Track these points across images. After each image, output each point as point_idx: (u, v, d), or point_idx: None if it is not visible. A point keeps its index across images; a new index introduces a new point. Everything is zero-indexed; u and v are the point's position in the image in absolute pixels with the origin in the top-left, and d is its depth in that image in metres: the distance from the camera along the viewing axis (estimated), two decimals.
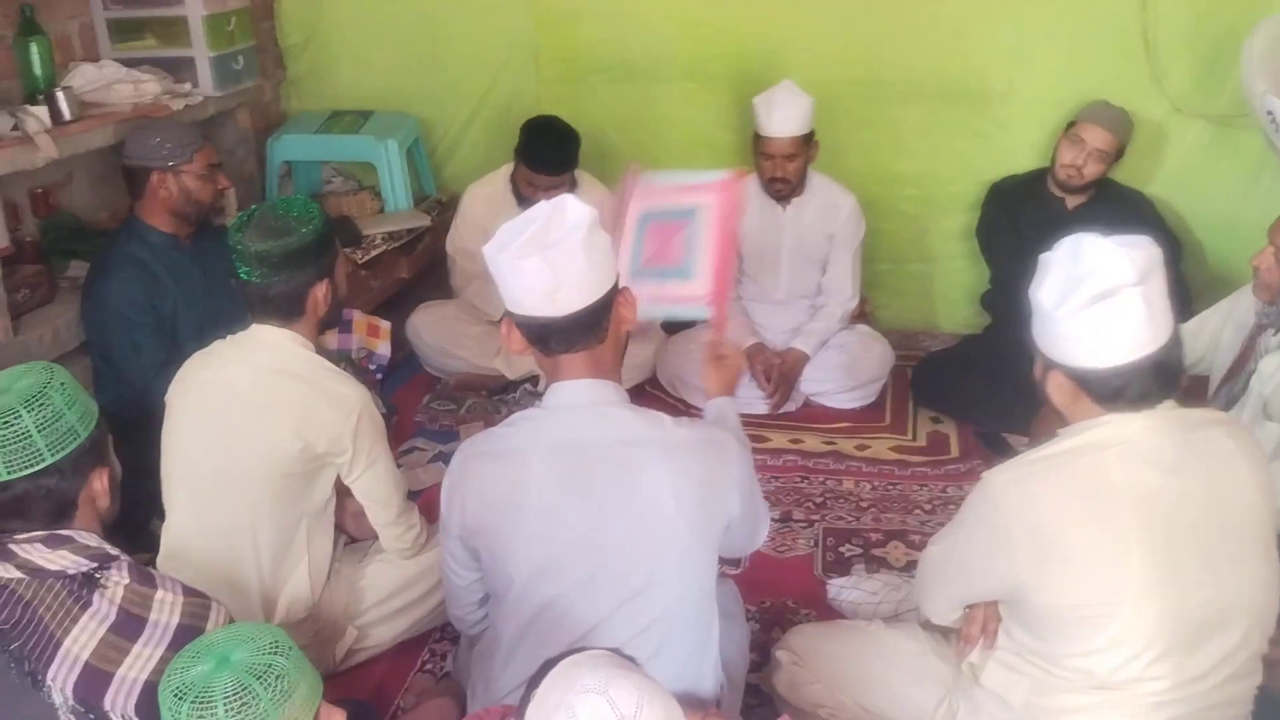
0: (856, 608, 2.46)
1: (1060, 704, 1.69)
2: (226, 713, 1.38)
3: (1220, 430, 1.67)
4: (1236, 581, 1.62)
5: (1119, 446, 1.61)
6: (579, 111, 3.81)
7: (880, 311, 4.02)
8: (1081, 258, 1.59)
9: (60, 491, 1.59)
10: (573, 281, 1.67)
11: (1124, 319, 1.56)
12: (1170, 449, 1.61)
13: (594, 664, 1.30)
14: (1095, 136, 3.37)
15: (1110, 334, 1.57)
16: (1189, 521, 1.59)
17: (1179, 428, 1.63)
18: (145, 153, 2.82)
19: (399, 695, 2.34)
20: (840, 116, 3.86)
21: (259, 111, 4.09)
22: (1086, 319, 1.57)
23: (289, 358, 2.19)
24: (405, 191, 4.11)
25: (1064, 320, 1.59)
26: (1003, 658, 1.79)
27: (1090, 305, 1.55)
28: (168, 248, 2.87)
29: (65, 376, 1.61)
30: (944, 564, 1.85)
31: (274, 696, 1.40)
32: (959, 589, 1.83)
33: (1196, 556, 1.59)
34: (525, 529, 1.74)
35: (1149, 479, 1.59)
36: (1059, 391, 1.67)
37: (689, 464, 1.72)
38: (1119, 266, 1.55)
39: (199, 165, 2.85)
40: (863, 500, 3.07)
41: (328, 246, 2.23)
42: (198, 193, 2.86)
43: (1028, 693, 1.73)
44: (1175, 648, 1.60)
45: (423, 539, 2.38)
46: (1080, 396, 1.65)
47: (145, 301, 2.78)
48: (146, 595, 1.60)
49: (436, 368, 3.76)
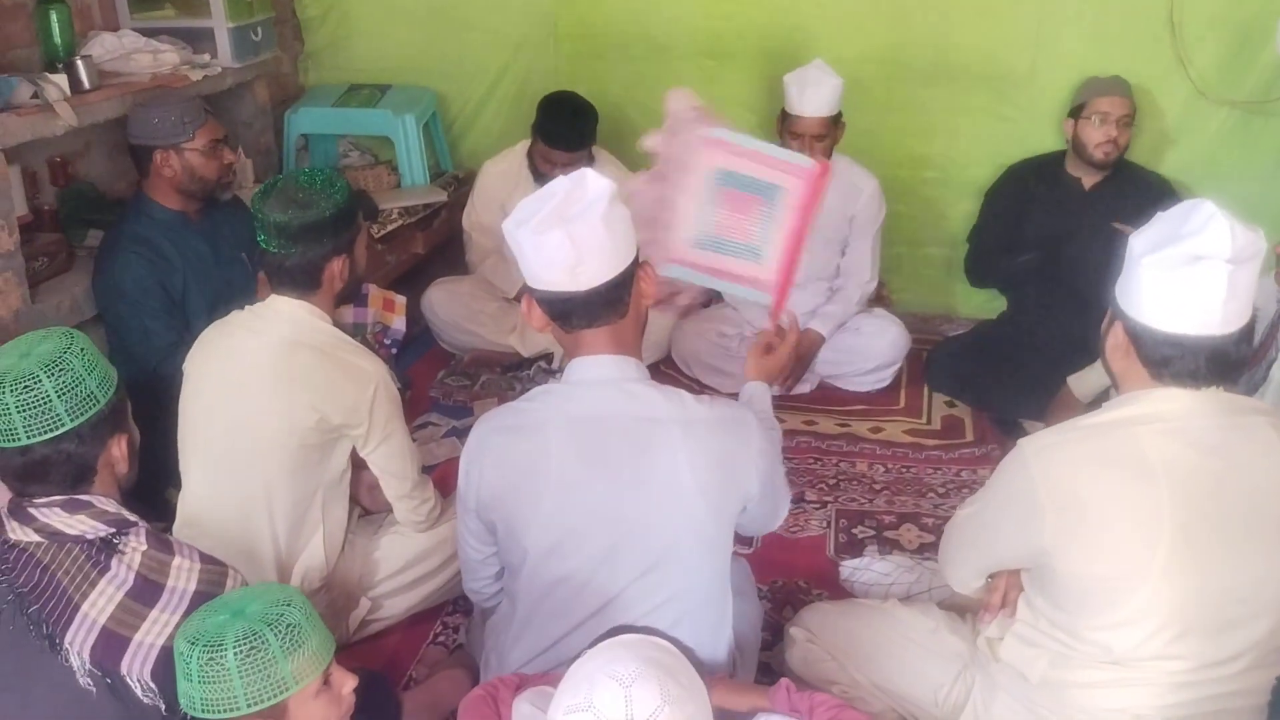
0: (869, 589, 2.45)
1: (1078, 678, 1.68)
2: (236, 656, 1.40)
3: (1264, 420, 1.64)
4: (1267, 571, 1.60)
5: (1161, 423, 1.59)
6: (597, 88, 3.80)
7: (897, 295, 4.00)
8: (1192, 218, 1.56)
9: (79, 456, 1.59)
10: (594, 256, 1.66)
11: (1202, 290, 1.52)
12: (1213, 431, 1.59)
13: (640, 654, 1.30)
14: (1116, 105, 3.37)
15: (1183, 299, 1.54)
16: (1223, 506, 1.58)
17: (1224, 411, 1.61)
18: (147, 131, 2.77)
19: (411, 666, 2.35)
20: (861, 97, 3.83)
21: (277, 84, 4.08)
22: (1167, 275, 1.54)
23: (307, 330, 2.19)
24: (422, 166, 4.11)
25: (1146, 269, 1.56)
26: (1021, 631, 1.78)
27: (1177, 264, 1.53)
28: (176, 225, 2.84)
29: (85, 342, 1.61)
30: (970, 527, 1.84)
31: (284, 645, 1.42)
32: (984, 554, 1.82)
33: (1227, 541, 1.58)
34: (543, 503, 1.74)
35: (1188, 458, 1.57)
36: (1116, 347, 1.65)
37: (708, 442, 1.72)
38: (1221, 237, 1.51)
39: (202, 142, 2.79)
40: (876, 482, 3.06)
41: (348, 222, 2.22)
42: (202, 170, 2.81)
43: (1046, 667, 1.72)
44: (1197, 629, 1.59)
45: (437, 512, 2.39)
46: (1131, 356, 1.63)
47: (153, 282, 2.75)
48: (164, 561, 1.61)
49: (451, 343, 3.76)
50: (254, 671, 1.41)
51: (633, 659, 1.29)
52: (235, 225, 2.91)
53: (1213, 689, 1.62)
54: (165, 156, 2.77)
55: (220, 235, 2.90)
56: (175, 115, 2.77)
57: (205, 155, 2.80)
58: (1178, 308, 1.55)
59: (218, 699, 1.41)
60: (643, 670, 1.27)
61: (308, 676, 1.46)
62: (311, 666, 1.46)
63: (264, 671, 1.41)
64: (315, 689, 1.48)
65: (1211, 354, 1.57)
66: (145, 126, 2.78)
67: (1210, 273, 1.51)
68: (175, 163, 2.78)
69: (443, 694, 2.17)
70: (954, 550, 1.90)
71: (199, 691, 1.41)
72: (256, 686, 1.41)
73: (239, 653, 1.40)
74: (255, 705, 1.41)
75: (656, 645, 1.36)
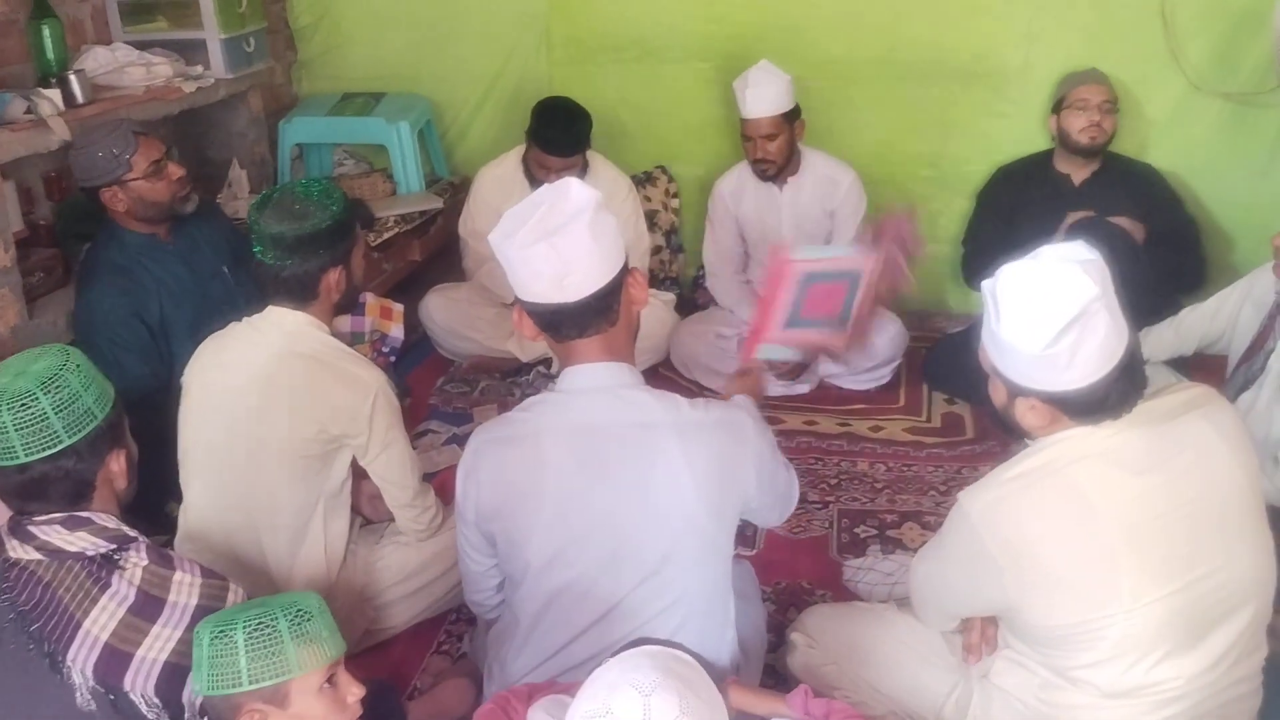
0: (872, 589, 2.45)
1: (1072, 701, 1.68)
2: (244, 632, 1.43)
3: (1195, 414, 1.64)
4: (1235, 564, 1.60)
5: (1090, 458, 1.58)
6: (591, 92, 3.79)
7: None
8: (1037, 284, 1.53)
9: (78, 473, 1.59)
10: (581, 267, 1.65)
11: (1096, 337, 1.51)
12: (1142, 450, 1.58)
13: (661, 665, 1.30)
14: (1095, 92, 3.40)
15: (1085, 355, 1.52)
16: (1170, 517, 1.57)
17: (1151, 423, 1.60)
18: (87, 173, 2.66)
19: (416, 676, 2.35)
20: (856, 95, 3.84)
21: (270, 94, 4.09)
22: (1061, 347, 1.51)
23: (305, 340, 2.19)
24: (417, 174, 4.10)
25: (1038, 355, 1.53)
26: (1012, 655, 1.78)
27: (1063, 334, 1.50)
28: (148, 248, 2.75)
29: (81, 359, 1.62)
30: (931, 586, 1.85)
31: (292, 628, 1.44)
32: (950, 609, 1.84)
33: (1184, 549, 1.57)
34: (542, 513, 1.74)
35: (1125, 484, 1.57)
36: (1033, 415, 1.61)
37: (705, 445, 1.72)
38: (1081, 285, 1.49)
39: (141, 168, 2.65)
40: (877, 481, 3.06)
41: (344, 234, 2.21)
42: (151, 194, 2.68)
43: (1038, 689, 1.73)
44: (1181, 646, 1.59)
45: (439, 520, 2.39)
46: (1059, 417, 1.60)
47: (128, 314, 2.66)
48: (165, 577, 1.61)
49: (449, 350, 3.76)
50: (259, 648, 1.43)
51: (653, 669, 1.29)
52: (211, 237, 2.87)
53: (1206, 694, 1.62)
54: (113, 193, 2.66)
55: (197, 253, 2.83)
56: (105, 150, 2.63)
57: (150, 179, 2.67)
58: (1084, 362, 1.52)
59: (223, 675, 1.43)
60: (663, 681, 1.27)
61: (312, 665, 1.47)
62: (317, 656, 1.47)
63: (269, 650, 1.43)
64: (319, 682, 1.48)
65: (1127, 374, 1.55)
66: (84, 168, 2.66)
67: (1094, 320, 1.49)
68: (123, 196, 2.66)
69: (447, 703, 2.17)
70: (920, 602, 1.91)
71: (207, 668, 1.44)
72: (260, 664, 1.43)
73: (247, 629, 1.43)
74: (257, 682, 1.43)
75: (677, 658, 1.36)
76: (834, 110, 3.82)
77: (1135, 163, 3.56)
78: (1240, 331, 2.60)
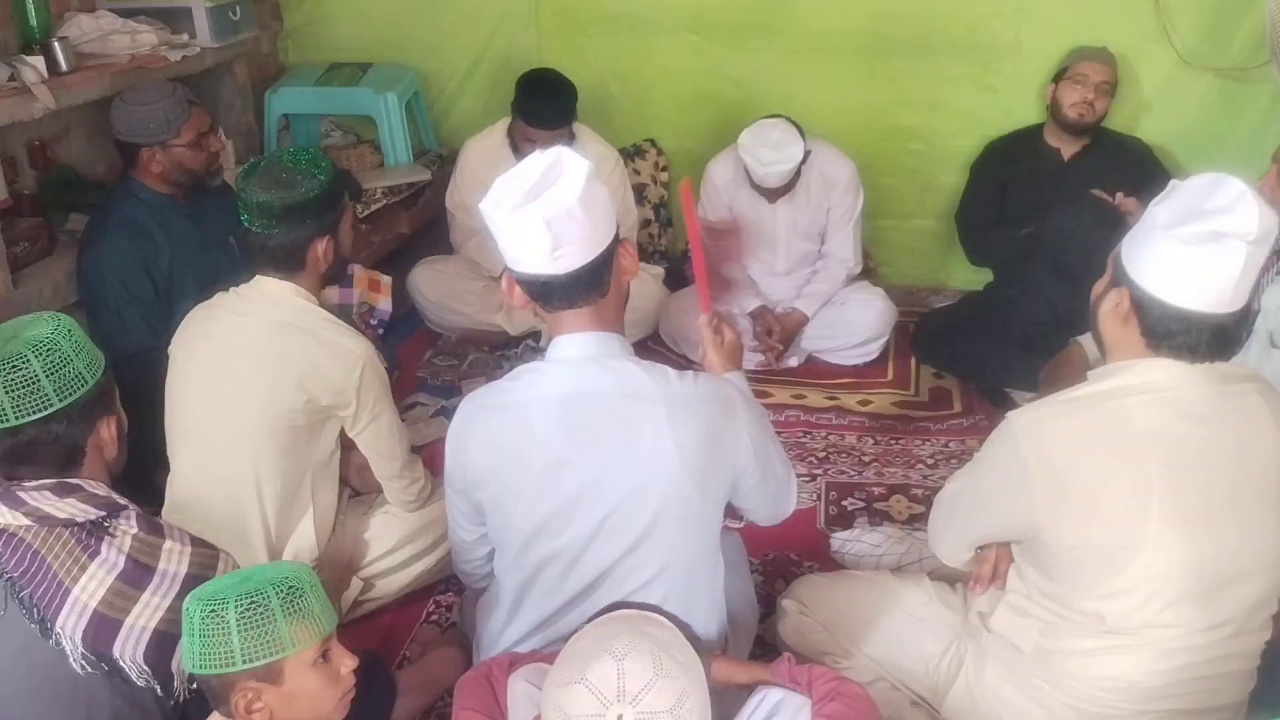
0: (859, 560, 2.47)
1: (1070, 646, 1.69)
2: (236, 610, 1.41)
3: (1251, 387, 1.65)
4: (1257, 536, 1.61)
5: (1149, 394, 1.59)
6: (580, 64, 3.78)
7: (883, 268, 4.01)
8: (1219, 193, 1.53)
9: (68, 438, 1.59)
10: (573, 240, 1.63)
11: (1220, 268, 1.51)
12: (1202, 400, 1.59)
13: (634, 629, 1.31)
14: (1096, 71, 3.42)
15: (1202, 276, 1.52)
16: (1213, 474, 1.58)
17: (1213, 381, 1.60)
18: (132, 129, 2.74)
19: (405, 645, 2.36)
20: (845, 70, 3.83)
21: (256, 64, 4.04)
22: (1186, 248, 1.51)
23: (292, 310, 2.18)
24: (405, 145, 4.08)
25: (1165, 239, 1.53)
26: (1013, 601, 1.79)
27: (1198, 238, 1.50)
28: (164, 207, 2.83)
29: (72, 325, 1.61)
30: (960, 501, 1.84)
31: (285, 606, 1.43)
32: (974, 528, 1.83)
33: (1218, 508, 1.59)
34: (529, 482, 1.74)
35: (1176, 428, 1.58)
36: (1114, 312, 1.63)
37: (693, 417, 1.71)
38: (1249, 217, 1.49)
39: (188, 137, 2.77)
40: (865, 455, 3.08)
41: (332, 203, 2.20)
42: (189, 162, 2.80)
43: (1038, 636, 1.73)
44: (1190, 595, 1.60)
45: (427, 491, 2.39)
46: (1131, 325, 1.61)
47: (137, 268, 2.74)
48: (155, 545, 1.60)
49: (438, 323, 3.75)
50: (252, 627, 1.41)
51: (627, 633, 1.30)
52: (223, 209, 2.86)
53: (1203, 654, 1.63)
54: (152, 153, 2.76)
55: (208, 219, 2.87)
56: (161, 114, 2.74)
57: (192, 149, 2.79)
58: (1191, 282, 1.53)
59: (216, 653, 1.42)
60: (636, 644, 1.28)
61: (305, 641, 1.46)
62: (310, 632, 1.46)
63: (262, 629, 1.42)
64: (312, 658, 1.48)
65: (1215, 331, 1.56)
66: (130, 125, 2.75)
67: (1230, 251, 1.49)
68: (162, 158, 2.77)
69: (436, 672, 2.18)
70: (943, 524, 1.90)
71: (199, 646, 1.42)
72: (254, 643, 1.42)
73: (240, 607, 1.41)
74: (251, 661, 1.42)
75: (652, 620, 1.36)
76: (824, 85, 3.81)
77: (1125, 137, 3.58)
78: None
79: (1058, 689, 1.71)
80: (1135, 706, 1.67)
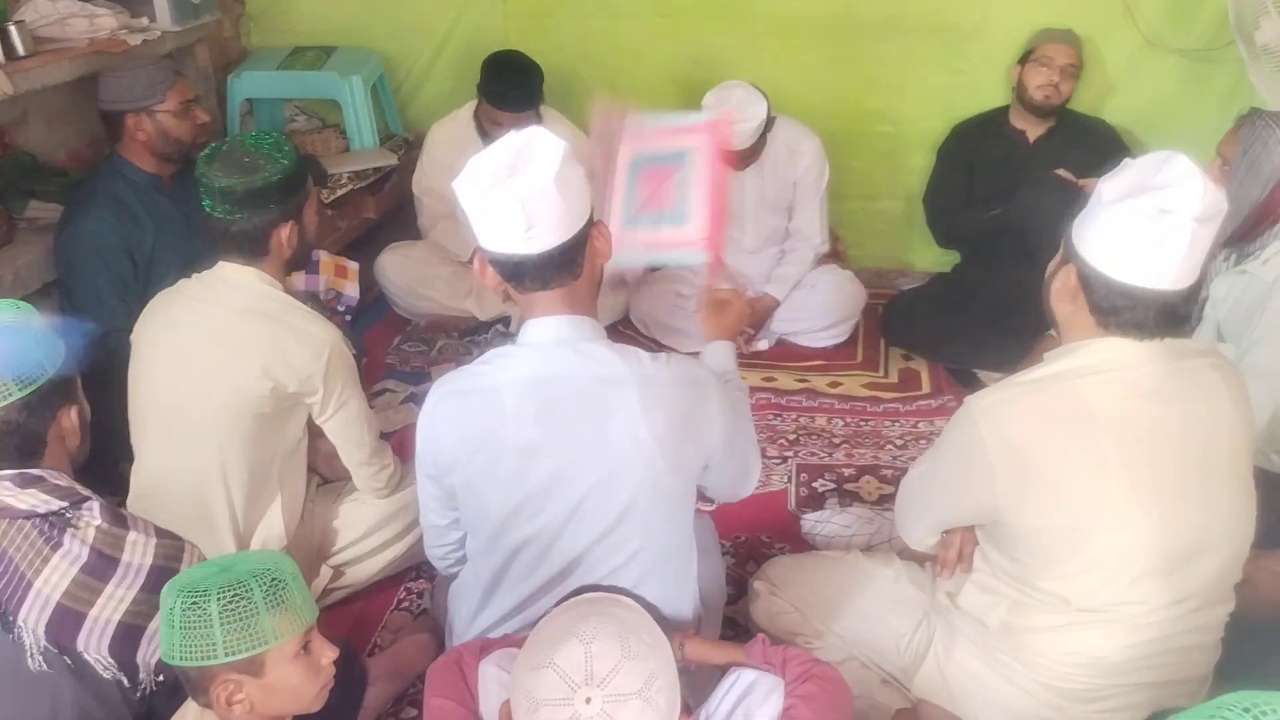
0: (830, 541, 2.48)
1: (1037, 623, 1.71)
2: (219, 603, 1.40)
3: (1206, 361, 1.66)
4: (1216, 509, 1.63)
5: (1103, 374, 1.60)
6: (547, 46, 3.75)
7: (852, 250, 4.01)
8: (1165, 170, 1.54)
9: (28, 427, 1.57)
10: (546, 219, 1.62)
11: (1165, 244, 1.51)
12: (1156, 377, 1.60)
13: (602, 612, 1.31)
14: (1062, 53, 3.43)
15: (1145, 251, 1.53)
16: (1170, 449, 1.60)
17: (1167, 357, 1.61)
18: (118, 95, 2.77)
19: (376, 633, 2.35)
20: (813, 52, 3.82)
21: (218, 48, 3.99)
22: (1130, 224, 1.52)
23: (257, 297, 2.16)
24: (371, 130, 4.04)
25: (1110, 215, 1.54)
26: (980, 579, 1.81)
27: (1143, 214, 1.51)
28: (149, 187, 2.83)
29: (32, 312, 1.58)
30: (922, 487, 1.86)
31: (267, 598, 1.42)
32: (937, 512, 1.84)
33: (1177, 483, 1.60)
34: (501, 466, 1.73)
35: (1131, 406, 1.59)
36: (1063, 290, 1.64)
37: (666, 400, 1.71)
38: (1193, 195, 1.50)
39: (173, 103, 2.80)
40: (835, 436, 3.09)
41: (294, 189, 2.18)
42: (175, 131, 2.82)
43: (1005, 614, 1.75)
44: (1154, 571, 1.62)
45: (396, 478, 2.37)
46: (1079, 302, 1.62)
47: (121, 248, 2.73)
48: (119, 536, 1.59)
49: (406, 309, 3.72)
50: (235, 620, 1.40)
51: (594, 616, 1.29)
52: None
53: (1168, 629, 1.65)
54: (138, 120, 2.78)
55: (193, 200, 2.79)
56: (145, 78, 2.78)
57: (178, 116, 2.81)
58: (1134, 258, 1.54)
59: (197, 646, 1.41)
60: (603, 627, 1.28)
61: (287, 634, 1.45)
62: (292, 625, 1.46)
63: (245, 622, 1.41)
64: (294, 650, 1.47)
65: (1161, 309, 1.57)
66: (116, 90, 2.77)
67: (1175, 228, 1.50)
68: (148, 125, 2.78)
69: (408, 659, 2.18)
70: (907, 509, 1.92)
71: (179, 638, 1.41)
72: (236, 636, 1.41)
73: (222, 599, 1.40)
74: (233, 654, 1.41)
75: (619, 603, 1.36)
76: (791, 67, 3.80)
77: (1090, 119, 3.60)
78: None
79: (1026, 665, 1.73)
80: (1102, 681, 1.69)
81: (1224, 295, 2.37)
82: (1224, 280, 2.38)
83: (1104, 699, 1.70)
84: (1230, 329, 2.36)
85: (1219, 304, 2.38)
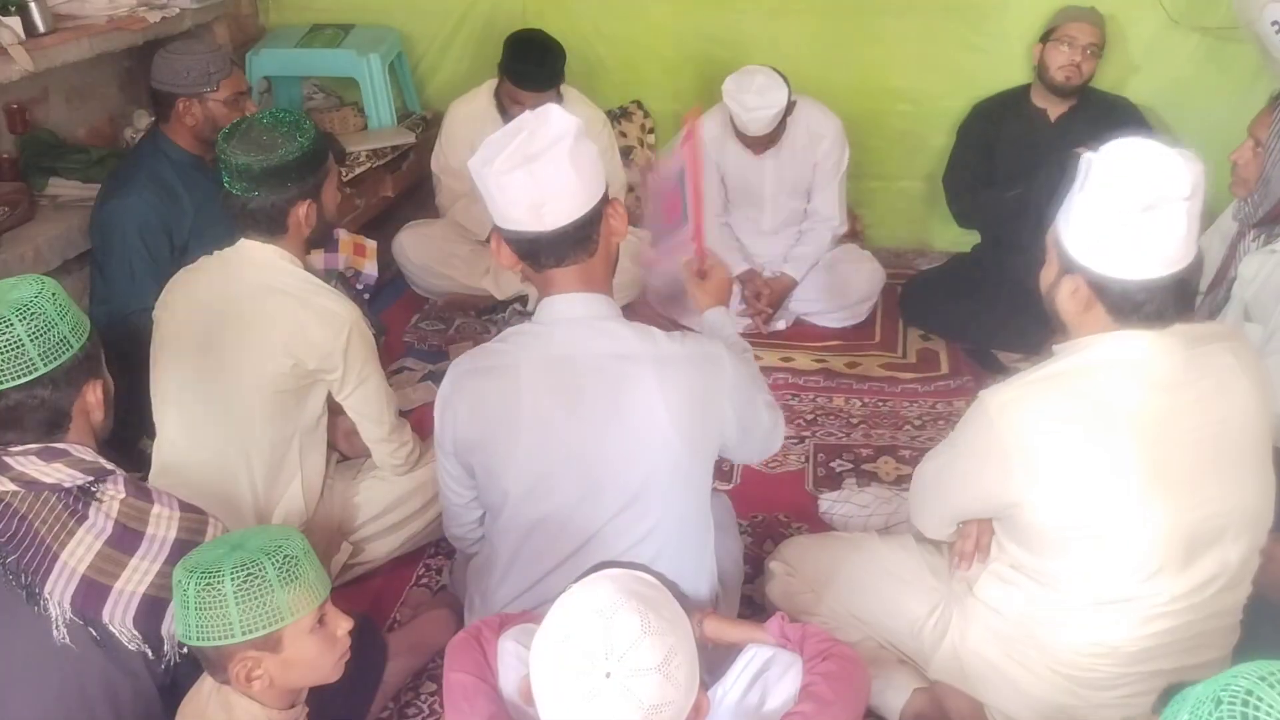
0: (847, 521, 2.48)
1: (1054, 616, 1.70)
2: (233, 583, 1.42)
3: (1222, 345, 1.65)
4: (1236, 494, 1.62)
5: (1117, 366, 1.59)
6: (567, 24, 3.74)
7: (870, 230, 4.00)
8: (1136, 162, 1.52)
9: (54, 402, 1.57)
10: (560, 195, 1.64)
11: (1167, 232, 1.50)
12: (1171, 367, 1.59)
13: (621, 587, 1.31)
14: (1084, 32, 3.39)
15: (1149, 245, 1.51)
16: (1188, 438, 1.59)
17: (1183, 345, 1.60)
18: (172, 78, 2.77)
19: (395, 609, 2.36)
20: (832, 30, 3.80)
21: (236, 25, 3.99)
22: (1130, 226, 1.51)
23: (277, 274, 2.17)
24: (389, 108, 4.04)
25: (1109, 224, 1.53)
26: (997, 569, 1.80)
27: (1137, 213, 1.50)
28: (191, 166, 2.84)
29: (56, 288, 1.59)
30: (938, 481, 1.85)
31: (281, 575, 1.43)
32: (952, 506, 1.84)
33: (1195, 472, 1.59)
34: (519, 444, 1.74)
35: (1151, 399, 1.58)
36: (1072, 299, 1.61)
37: (681, 378, 1.72)
38: (1175, 176, 1.49)
39: (225, 93, 2.81)
40: (853, 417, 3.08)
41: (313, 167, 2.18)
42: (223, 120, 2.76)
43: (1022, 604, 1.75)
44: (1172, 563, 1.61)
45: (415, 455, 2.38)
46: (1094, 307, 1.60)
47: (159, 226, 2.74)
48: (143, 510, 1.60)
49: (424, 288, 3.72)
50: (250, 599, 1.42)
51: (614, 591, 1.30)
52: None
53: (1187, 616, 1.65)
54: (188, 104, 2.78)
55: None
56: (202, 65, 2.78)
57: (228, 106, 2.81)
58: (1144, 254, 1.53)
59: (213, 626, 1.42)
60: (623, 602, 1.28)
61: (303, 609, 1.47)
62: (307, 600, 1.47)
63: (260, 599, 1.42)
64: (310, 624, 1.49)
65: (1177, 288, 1.56)
66: (171, 73, 2.78)
67: (1170, 214, 1.49)
68: (197, 111, 2.79)
69: (427, 635, 2.19)
70: (923, 501, 1.91)
71: (195, 618, 1.42)
72: (252, 614, 1.42)
73: (236, 579, 1.42)
74: (250, 633, 1.43)
75: (639, 579, 1.36)
76: (811, 45, 3.78)
77: (1113, 97, 3.56)
78: (1208, 262, 2.62)
79: (1042, 654, 1.73)
80: (1120, 669, 1.69)
81: (1252, 275, 2.35)
82: (1253, 260, 2.36)
83: (1121, 686, 1.70)
84: (1258, 308, 2.34)
85: (1247, 284, 2.36)
